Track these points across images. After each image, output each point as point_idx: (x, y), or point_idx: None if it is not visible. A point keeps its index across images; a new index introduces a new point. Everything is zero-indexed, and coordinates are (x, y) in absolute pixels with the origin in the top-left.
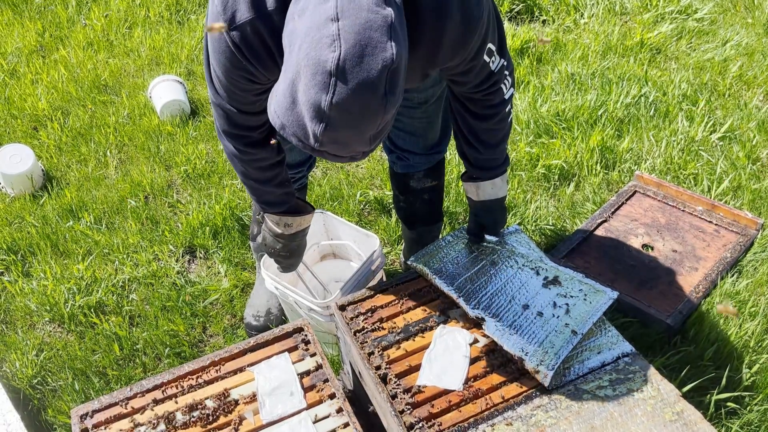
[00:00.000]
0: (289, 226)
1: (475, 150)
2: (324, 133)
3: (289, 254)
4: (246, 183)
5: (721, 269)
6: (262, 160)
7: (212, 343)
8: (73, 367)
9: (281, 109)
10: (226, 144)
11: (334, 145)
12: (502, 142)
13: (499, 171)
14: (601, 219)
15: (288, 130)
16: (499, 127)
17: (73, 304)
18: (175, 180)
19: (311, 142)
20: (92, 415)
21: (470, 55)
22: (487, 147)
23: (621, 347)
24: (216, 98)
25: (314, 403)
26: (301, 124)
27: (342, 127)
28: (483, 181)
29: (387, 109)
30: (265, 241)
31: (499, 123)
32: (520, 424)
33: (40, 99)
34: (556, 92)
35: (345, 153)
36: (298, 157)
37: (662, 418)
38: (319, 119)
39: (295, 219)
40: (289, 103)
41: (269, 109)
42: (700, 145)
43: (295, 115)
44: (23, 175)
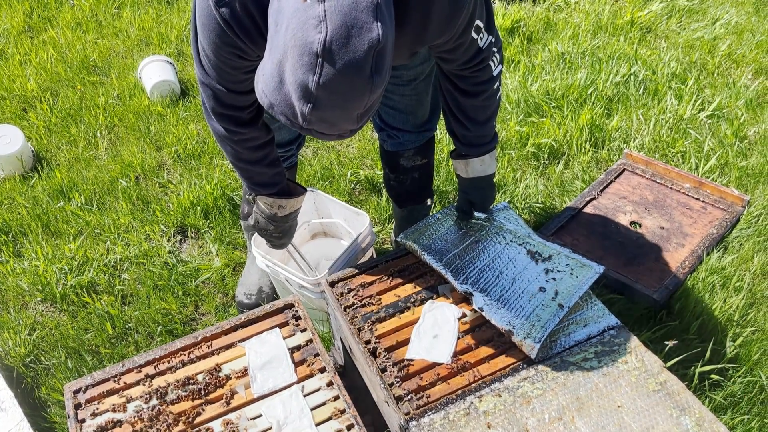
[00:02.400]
0: (282, 208)
1: (464, 127)
2: (312, 113)
3: (281, 235)
4: (236, 165)
5: (708, 245)
6: (252, 140)
7: (204, 321)
8: (66, 346)
9: (269, 89)
10: (214, 125)
11: (321, 124)
12: (490, 119)
13: (487, 148)
14: (589, 197)
15: (276, 109)
16: (487, 104)
17: (65, 284)
18: (166, 160)
19: (299, 122)
20: (85, 390)
21: (458, 33)
22: (475, 124)
23: (606, 320)
24: (204, 77)
25: (305, 377)
26: (289, 104)
27: (329, 107)
28: (472, 158)
29: (373, 89)
30: (258, 223)
31: (487, 100)
32: (507, 396)
33: (29, 80)
34: (547, 71)
35: (333, 131)
36: (287, 135)
37: (646, 388)
38: (306, 99)
39: (288, 201)
40: (277, 83)
41: (257, 88)
42: (689, 123)
43: (282, 95)
44: (13, 156)
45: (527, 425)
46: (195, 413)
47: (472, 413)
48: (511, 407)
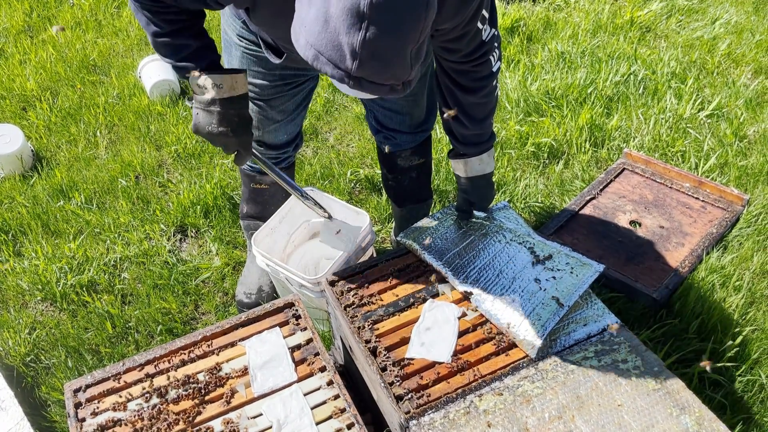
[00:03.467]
0: (219, 87)
1: (462, 125)
2: (364, 45)
3: (230, 129)
4: (159, 44)
5: (707, 244)
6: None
7: (204, 320)
8: (66, 345)
9: (313, 35)
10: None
11: (373, 64)
12: (488, 117)
13: (485, 146)
14: (589, 196)
15: (323, 56)
16: (486, 101)
17: (65, 283)
18: (166, 160)
19: (348, 63)
20: (85, 389)
21: (467, 17)
22: (474, 122)
23: (606, 319)
24: None
25: (305, 376)
26: (336, 44)
27: (383, 32)
28: (470, 157)
29: (428, 14)
30: (198, 122)
31: (486, 96)
32: (507, 394)
33: (29, 79)
34: (546, 71)
35: (384, 78)
36: (283, 137)
37: (646, 387)
38: (358, 25)
39: (224, 77)
40: (322, 23)
41: (298, 44)
42: (688, 123)
43: (329, 35)
44: (13, 156)
45: (527, 424)
46: (195, 412)
47: (472, 412)
48: (511, 406)
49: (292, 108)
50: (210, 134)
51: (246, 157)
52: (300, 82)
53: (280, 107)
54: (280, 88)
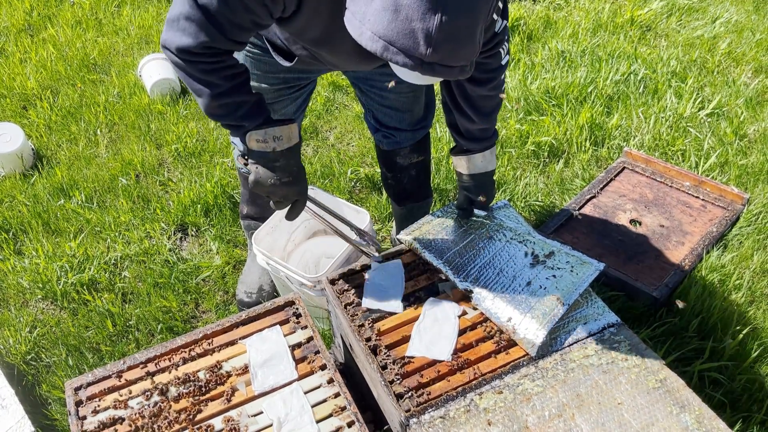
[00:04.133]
0: (279, 139)
1: (469, 119)
2: (440, 29)
3: (292, 179)
4: (219, 105)
5: (707, 243)
6: (233, 67)
7: (205, 318)
8: (67, 343)
9: (382, 26)
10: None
11: (447, 47)
12: (494, 111)
13: (489, 143)
14: (589, 195)
15: (395, 45)
16: (493, 94)
17: (66, 282)
18: (166, 158)
19: (422, 50)
20: (86, 387)
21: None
22: (481, 115)
23: (606, 318)
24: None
25: (305, 375)
26: (409, 31)
27: (459, 13)
28: (474, 153)
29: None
30: (259, 177)
31: (494, 89)
32: (507, 393)
33: (29, 78)
34: (546, 69)
35: (457, 60)
36: None
37: (646, 385)
38: (434, 8)
39: (282, 129)
40: (392, 13)
41: (363, 37)
42: (689, 122)
43: (400, 23)
44: (13, 154)
45: (527, 422)
46: (196, 410)
47: (473, 410)
48: (511, 404)
49: (293, 111)
50: (273, 187)
51: (302, 207)
52: (302, 85)
53: (282, 110)
54: (282, 91)
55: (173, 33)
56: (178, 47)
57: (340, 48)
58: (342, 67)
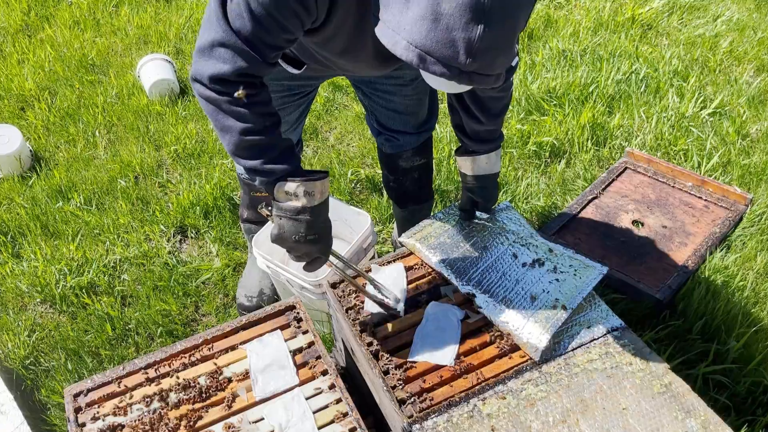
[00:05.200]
0: (311, 195)
1: (477, 120)
2: (483, 38)
3: (317, 236)
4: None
5: (710, 244)
6: (267, 104)
7: (205, 322)
8: (66, 348)
9: (420, 36)
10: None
11: (487, 56)
12: (503, 112)
13: (495, 144)
14: (591, 195)
15: (434, 54)
16: (503, 95)
17: (65, 285)
18: (165, 160)
19: (461, 59)
20: (86, 393)
21: None
22: (489, 116)
23: (610, 321)
24: (230, 36)
25: (307, 380)
26: (449, 41)
27: (501, 22)
28: (480, 155)
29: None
30: (282, 232)
31: (503, 90)
32: (511, 398)
33: (27, 79)
34: (547, 69)
35: (494, 68)
36: None
37: (651, 390)
38: (477, 18)
39: (315, 184)
40: (430, 23)
41: (398, 47)
42: (691, 121)
43: (440, 33)
44: (11, 156)
45: (531, 428)
46: (197, 417)
47: (476, 416)
48: (515, 410)
49: (296, 118)
50: (296, 243)
51: (323, 262)
52: (306, 93)
53: (285, 117)
54: (286, 98)
55: (206, 62)
56: (212, 76)
57: (360, 57)
58: (356, 73)
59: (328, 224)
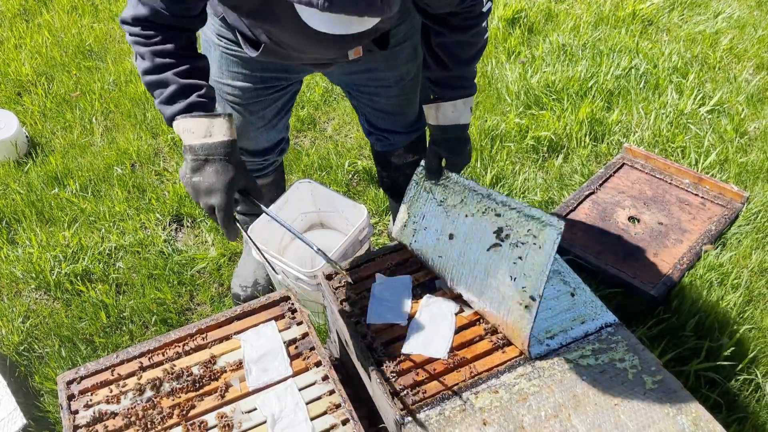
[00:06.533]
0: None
1: (444, 67)
2: None
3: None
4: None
5: (706, 242)
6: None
7: (199, 311)
8: (60, 335)
9: None
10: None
11: None
12: (473, 60)
13: (462, 93)
14: (588, 191)
15: None
16: (474, 41)
17: (60, 272)
18: (162, 148)
19: None
20: (79, 381)
21: None
22: (457, 63)
23: (604, 317)
24: None
25: (300, 371)
26: None
27: None
28: (444, 101)
29: None
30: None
31: (475, 36)
32: (503, 392)
33: (24, 64)
34: (547, 63)
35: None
36: (264, 143)
37: (642, 386)
38: None
39: (196, 121)
40: None
41: None
42: (689, 118)
43: None
44: (7, 141)
45: (523, 422)
46: (189, 406)
47: (468, 410)
48: (507, 404)
49: (272, 114)
50: (186, 186)
51: (228, 221)
52: (281, 87)
53: (260, 113)
54: (260, 92)
55: (127, 6)
56: (123, 19)
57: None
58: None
59: (219, 169)
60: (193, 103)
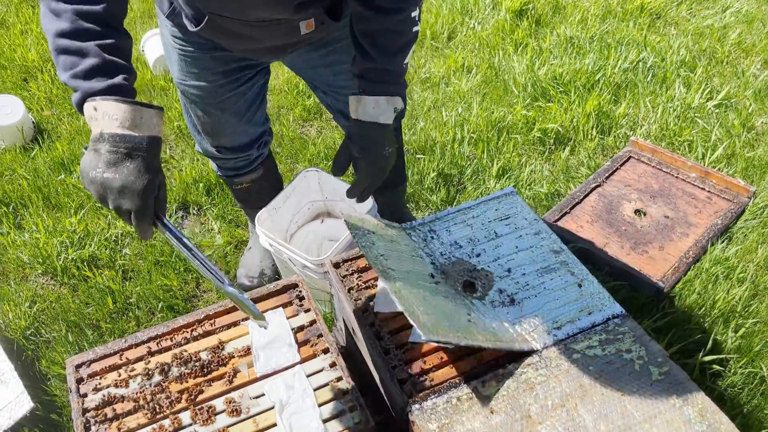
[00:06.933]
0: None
1: (368, 58)
2: None
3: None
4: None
5: (712, 235)
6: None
7: (205, 298)
8: (67, 319)
9: None
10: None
11: None
12: (400, 52)
13: (387, 89)
14: (595, 183)
15: None
16: (401, 29)
17: (66, 257)
18: (168, 135)
19: None
20: (88, 365)
21: None
22: (382, 53)
23: (611, 309)
24: None
25: (308, 358)
26: None
27: None
28: (367, 95)
29: None
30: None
31: (402, 24)
32: (510, 381)
33: (30, 50)
34: (555, 56)
35: None
36: (244, 138)
37: (649, 377)
38: None
39: (126, 108)
40: None
41: None
42: (696, 112)
43: None
44: (13, 127)
45: (530, 411)
46: (197, 391)
47: (475, 398)
48: (514, 393)
49: (245, 108)
50: (92, 182)
51: (145, 226)
52: (247, 78)
53: (231, 109)
54: (225, 87)
55: None
56: None
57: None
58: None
59: (140, 170)
60: (117, 86)
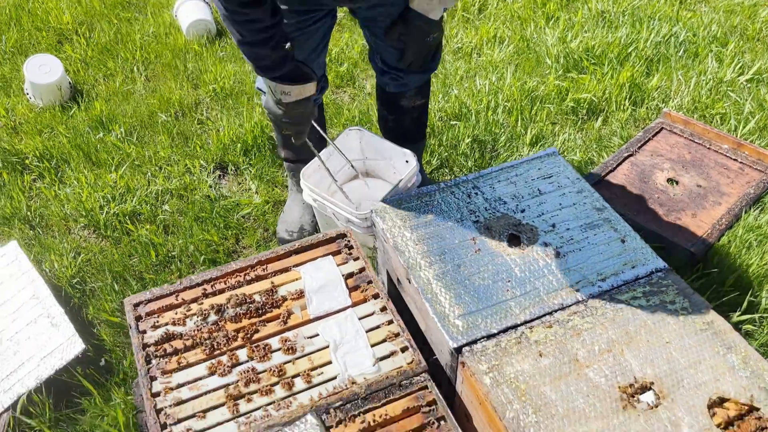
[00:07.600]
0: (286, 94)
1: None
2: None
3: (292, 121)
4: (241, 48)
5: (744, 204)
6: (256, 21)
7: (245, 254)
8: (111, 270)
9: None
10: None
11: None
12: None
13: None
14: (627, 153)
15: None
16: None
17: (108, 212)
18: (203, 98)
19: None
20: (145, 303)
21: None
22: None
23: (654, 263)
24: None
25: (359, 302)
26: None
27: None
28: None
29: None
30: (269, 103)
31: None
32: (557, 327)
33: (64, 12)
34: (586, 30)
35: None
36: None
37: (693, 327)
38: None
39: (293, 87)
40: None
41: None
42: (729, 86)
43: None
44: (53, 86)
45: (578, 355)
46: (253, 330)
47: (524, 342)
48: (561, 338)
49: (310, 49)
50: (276, 123)
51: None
52: (317, 18)
53: (298, 47)
54: (295, 26)
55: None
56: None
57: None
58: None
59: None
60: (286, 74)
